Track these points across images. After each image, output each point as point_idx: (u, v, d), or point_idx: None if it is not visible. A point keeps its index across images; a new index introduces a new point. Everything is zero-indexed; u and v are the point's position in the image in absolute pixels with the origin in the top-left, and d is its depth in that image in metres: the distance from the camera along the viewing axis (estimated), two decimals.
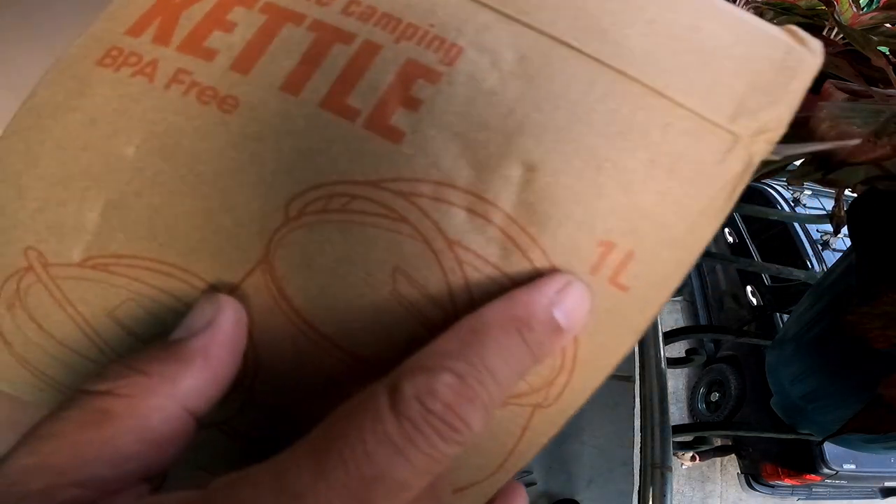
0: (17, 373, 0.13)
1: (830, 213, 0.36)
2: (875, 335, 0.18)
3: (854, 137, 0.18)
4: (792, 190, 2.68)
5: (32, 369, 0.13)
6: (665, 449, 0.36)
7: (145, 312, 0.12)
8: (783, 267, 0.52)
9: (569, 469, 0.37)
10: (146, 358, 0.11)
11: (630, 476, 0.36)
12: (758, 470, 2.29)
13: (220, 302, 0.11)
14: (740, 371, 2.49)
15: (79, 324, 0.12)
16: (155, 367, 0.10)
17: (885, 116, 0.19)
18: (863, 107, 0.20)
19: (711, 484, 2.49)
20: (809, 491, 2.24)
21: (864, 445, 0.29)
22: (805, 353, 0.30)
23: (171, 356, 0.10)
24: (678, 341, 0.49)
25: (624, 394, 0.42)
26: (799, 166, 0.29)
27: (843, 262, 0.28)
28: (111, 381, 0.10)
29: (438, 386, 0.09)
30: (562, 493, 0.35)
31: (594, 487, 0.36)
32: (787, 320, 0.34)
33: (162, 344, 0.11)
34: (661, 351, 0.44)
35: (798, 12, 0.51)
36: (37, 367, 0.13)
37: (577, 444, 0.38)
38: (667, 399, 0.40)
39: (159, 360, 0.10)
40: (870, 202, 0.24)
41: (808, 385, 0.30)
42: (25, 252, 0.12)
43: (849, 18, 0.46)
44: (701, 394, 2.70)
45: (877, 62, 0.31)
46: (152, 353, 0.11)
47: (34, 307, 0.12)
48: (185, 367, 0.10)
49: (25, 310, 0.12)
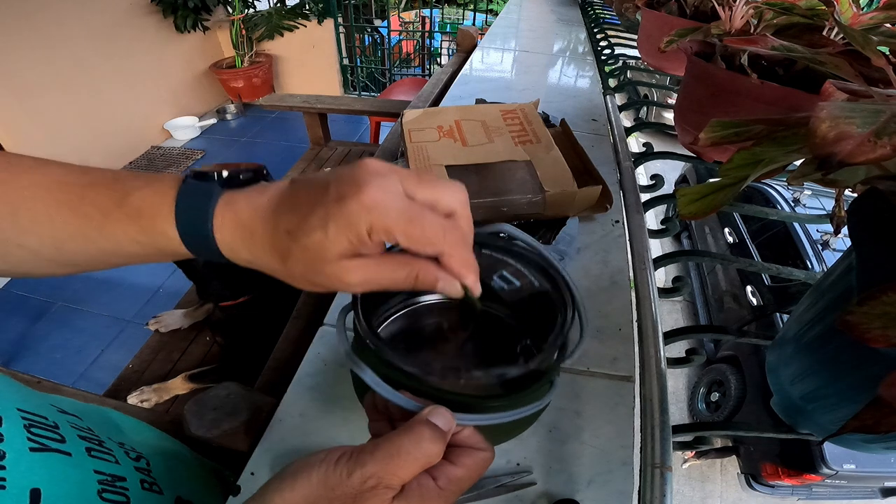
0: None
1: (830, 213, 0.36)
2: (875, 335, 0.18)
3: (854, 137, 0.18)
4: (792, 190, 2.69)
5: None
6: (665, 449, 0.36)
7: None
8: (783, 267, 0.52)
9: (569, 469, 0.37)
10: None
11: (630, 476, 0.36)
12: (758, 470, 2.30)
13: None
14: (740, 371, 2.50)
15: None
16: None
17: (885, 116, 0.19)
18: (863, 107, 0.20)
19: (711, 484, 2.49)
20: (809, 491, 2.24)
21: (864, 445, 0.29)
22: (805, 353, 0.30)
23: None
24: (678, 341, 0.49)
25: (624, 394, 0.42)
26: (799, 166, 0.29)
27: (843, 262, 0.28)
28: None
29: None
30: (562, 493, 0.35)
31: (594, 487, 0.36)
32: (787, 320, 0.34)
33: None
34: (661, 351, 0.44)
35: (798, 12, 0.51)
36: None
37: (577, 444, 0.38)
38: (667, 399, 0.40)
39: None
40: (870, 202, 0.24)
41: (808, 385, 0.30)
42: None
43: (849, 18, 0.46)
44: (701, 394, 2.70)
45: (877, 62, 0.31)
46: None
47: None
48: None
49: None
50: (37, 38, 2.48)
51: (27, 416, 0.28)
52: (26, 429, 0.27)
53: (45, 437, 0.28)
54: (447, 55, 4.12)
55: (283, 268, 0.24)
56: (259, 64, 3.68)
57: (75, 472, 0.29)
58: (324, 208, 0.22)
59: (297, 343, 0.57)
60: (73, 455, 0.29)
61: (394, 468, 0.21)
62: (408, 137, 0.63)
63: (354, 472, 0.20)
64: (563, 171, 0.58)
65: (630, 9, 1.17)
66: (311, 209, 0.23)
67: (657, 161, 0.77)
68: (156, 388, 0.93)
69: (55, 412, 0.31)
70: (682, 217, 0.32)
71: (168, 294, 2.22)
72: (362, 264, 0.23)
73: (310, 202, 0.23)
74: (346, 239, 0.22)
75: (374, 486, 0.20)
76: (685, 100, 0.63)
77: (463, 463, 0.22)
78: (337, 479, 0.20)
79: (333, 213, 0.22)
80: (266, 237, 0.24)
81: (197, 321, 1.09)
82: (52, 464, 0.27)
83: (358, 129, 3.54)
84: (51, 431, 0.29)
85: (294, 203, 0.24)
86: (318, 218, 0.22)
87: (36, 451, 0.27)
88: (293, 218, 0.23)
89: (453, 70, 1.34)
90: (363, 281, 0.24)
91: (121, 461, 0.34)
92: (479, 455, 0.23)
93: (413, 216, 0.23)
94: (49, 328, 2.09)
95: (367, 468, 0.20)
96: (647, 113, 2.26)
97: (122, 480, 0.32)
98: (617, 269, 0.55)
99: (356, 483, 0.20)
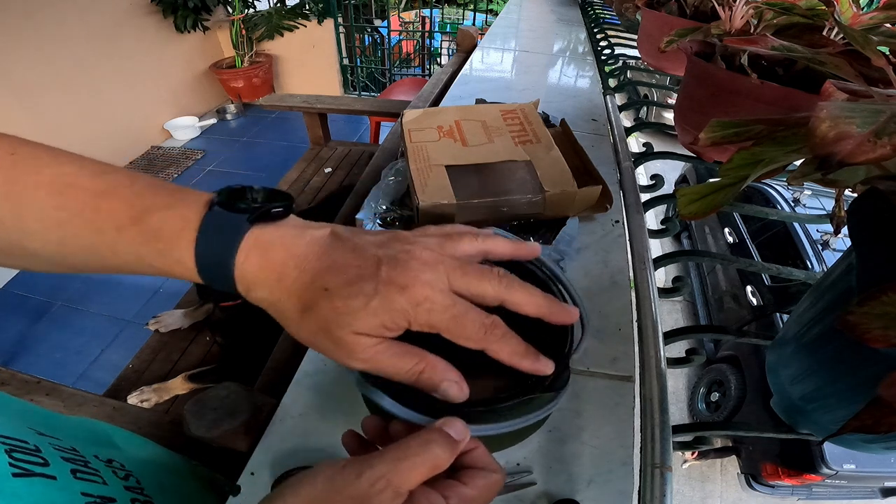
0: None
1: (830, 213, 0.36)
2: (875, 335, 0.18)
3: (854, 137, 0.18)
4: (792, 190, 2.69)
5: None
6: (665, 449, 0.36)
7: None
8: (783, 267, 0.52)
9: (569, 469, 0.37)
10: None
11: (630, 476, 0.36)
12: (758, 470, 2.30)
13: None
14: (740, 371, 2.50)
15: None
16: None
17: (885, 116, 0.19)
18: (863, 107, 0.20)
19: (711, 484, 2.49)
20: (809, 491, 2.24)
21: (864, 445, 0.29)
22: (805, 353, 0.30)
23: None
24: (678, 341, 0.49)
25: (624, 394, 0.42)
26: (799, 166, 0.29)
27: (843, 262, 0.28)
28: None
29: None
30: (562, 493, 0.35)
31: (594, 487, 0.36)
32: (787, 320, 0.34)
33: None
34: (661, 351, 0.44)
35: (798, 12, 0.51)
36: None
37: (577, 444, 0.38)
38: (667, 399, 0.40)
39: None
40: (870, 202, 0.24)
41: (808, 385, 0.30)
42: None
43: (849, 18, 0.46)
44: (701, 394, 2.70)
45: (877, 62, 0.31)
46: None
47: None
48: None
49: None
50: (37, 37, 2.48)
51: (6, 440, 0.27)
52: (7, 454, 0.26)
53: (28, 461, 0.27)
54: (447, 55, 4.12)
55: (297, 317, 0.24)
56: (259, 64, 3.68)
57: (61, 496, 0.27)
58: (373, 284, 0.23)
59: (297, 343, 0.57)
60: (59, 478, 0.28)
61: (403, 470, 0.20)
62: (408, 137, 0.63)
63: (363, 474, 0.20)
64: (563, 171, 0.58)
65: (630, 9, 1.16)
66: (360, 278, 0.23)
67: (657, 161, 0.77)
68: (156, 388, 0.93)
69: (34, 435, 0.30)
70: (682, 217, 0.32)
71: (168, 294, 2.22)
72: (373, 345, 0.23)
73: (358, 271, 0.23)
74: (381, 321, 0.23)
75: (382, 489, 0.20)
76: (685, 100, 0.63)
77: (475, 484, 0.22)
78: (344, 481, 0.20)
79: (382, 291, 0.22)
80: (296, 285, 0.24)
81: (197, 321, 1.09)
82: (37, 489, 0.26)
83: (358, 129, 3.54)
84: (33, 455, 0.28)
85: (339, 265, 0.24)
86: (366, 287, 0.23)
87: (19, 477, 0.25)
88: (336, 278, 0.23)
89: (453, 70, 1.34)
90: (368, 360, 0.24)
91: (108, 481, 0.32)
92: (491, 477, 0.23)
93: (457, 314, 0.24)
94: (49, 328, 2.09)
95: (376, 469, 0.20)
96: (647, 113, 2.27)
97: (112, 502, 0.31)
98: (617, 269, 0.55)
99: (365, 485, 0.20)
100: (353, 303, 0.23)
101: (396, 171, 0.65)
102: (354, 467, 0.20)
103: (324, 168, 1.66)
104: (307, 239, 0.24)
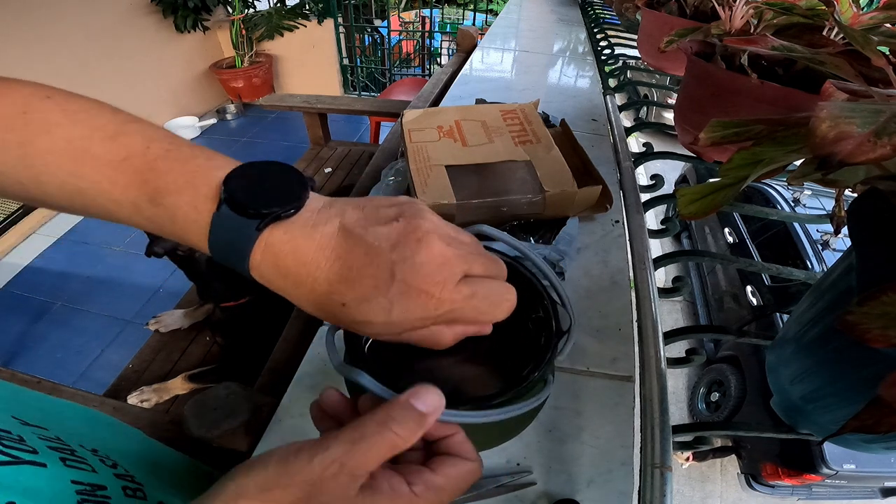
0: None
1: (830, 213, 0.36)
2: (875, 335, 0.18)
3: (854, 137, 0.18)
4: (792, 190, 2.69)
5: None
6: (665, 449, 0.36)
7: None
8: (783, 267, 0.52)
9: (569, 469, 0.37)
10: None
11: (630, 476, 0.36)
12: (758, 470, 2.30)
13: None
14: (740, 371, 2.50)
15: None
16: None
17: (885, 116, 0.19)
18: (863, 107, 0.20)
19: (711, 484, 2.49)
20: (809, 491, 2.24)
21: (864, 445, 0.29)
22: (805, 353, 0.30)
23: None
24: (678, 341, 0.49)
25: (624, 394, 0.42)
26: (799, 166, 0.29)
27: (843, 262, 0.28)
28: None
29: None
30: (562, 493, 0.35)
31: (594, 487, 0.36)
32: (787, 320, 0.34)
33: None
34: (661, 351, 0.44)
35: (798, 12, 0.51)
36: None
37: (577, 444, 0.38)
38: (667, 399, 0.40)
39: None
40: (870, 202, 0.24)
41: (808, 385, 0.30)
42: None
43: (849, 18, 0.46)
44: (701, 394, 2.70)
45: (877, 62, 0.31)
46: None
47: None
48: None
49: None
50: (37, 37, 2.48)
51: None
52: None
53: (16, 448, 0.26)
54: (447, 55, 4.12)
55: (319, 315, 0.25)
56: (259, 64, 3.68)
57: (52, 484, 0.27)
58: (388, 297, 0.22)
59: (297, 343, 0.57)
60: (49, 466, 0.28)
61: (358, 452, 0.19)
62: (408, 137, 0.63)
63: (316, 457, 0.19)
64: (563, 171, 0.58)
65: (630, 9, 1.16)
66: (376, 291, 0.22)
67: (657, 161, 0.77)
68: (156, 388, 0.93)
69: (18, 425, 0.29)
70: (682, 217, 0.32)
71: (168, 294, 2.22)
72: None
73: (373, 282, 0.23)
74: (402, 329, 0.23)
75: (336, 473, 0.19)
76: (685, 100, 0.63)
77: (444, 472, 0.21)
78: (296, 465, 0.19)
79: (398, 303, 0.22)
80: (312, 295, 0.24)
81: (197, 321, 1.09)
82: (27, 476, 0.26)
83: (358, 129, 3.54)
84: (19, 443, 0.27)
85: (353, 274, 0.23)
86: (382, 302, 0.22)
87: (8, 465, 0.25)
88: (351, 292, 0.23)
89: (453, 70, 1.34)
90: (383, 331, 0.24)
91: (98, 469, 0.32)
92: (463, 465, 0.22)
93: (477, 306, 0.24)
94: (49, 328, 2.09)
95: (330, 452, 0.19)
96: (647, 113, 2.26)
97: (103, 489, 0.30)
98: (617, 269, 0.55)
99: (318, 469, 0.19)
100: (372, 319, 0.23)
101: (396, 171, 0.65)
102: (307, 450, 0.19)
103: (324, 168, 1.66)
104: (316, 242, 0.23)
